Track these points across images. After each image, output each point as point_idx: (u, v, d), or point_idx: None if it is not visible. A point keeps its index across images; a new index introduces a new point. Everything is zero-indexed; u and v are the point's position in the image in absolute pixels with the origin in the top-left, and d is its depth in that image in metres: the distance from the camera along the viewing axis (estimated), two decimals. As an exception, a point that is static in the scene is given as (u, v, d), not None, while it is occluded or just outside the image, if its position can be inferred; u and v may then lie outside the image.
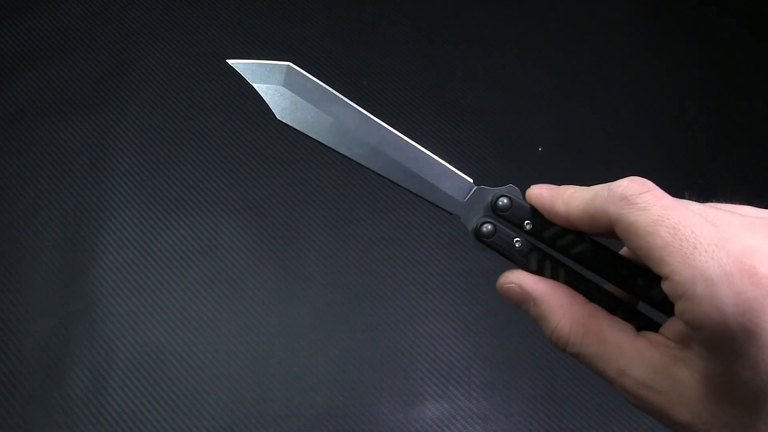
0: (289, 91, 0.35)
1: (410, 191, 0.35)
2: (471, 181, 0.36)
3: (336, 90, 0.36)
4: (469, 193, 0.35)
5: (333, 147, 0.35)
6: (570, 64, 1.09)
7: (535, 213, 0.34)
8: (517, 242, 0.34)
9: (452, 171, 0.35)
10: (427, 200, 0.35)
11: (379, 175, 0.35)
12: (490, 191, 0.35)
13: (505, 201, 0.35)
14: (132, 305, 0.87)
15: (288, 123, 0.35)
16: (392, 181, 0.35)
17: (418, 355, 0.86)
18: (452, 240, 0.93)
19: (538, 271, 0.33)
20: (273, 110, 0.35)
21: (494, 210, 0.35)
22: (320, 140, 0.35)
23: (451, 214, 0.36)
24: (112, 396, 0.82)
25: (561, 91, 1.06)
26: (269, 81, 0.35)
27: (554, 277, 0.33)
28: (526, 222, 0.34)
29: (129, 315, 0.87)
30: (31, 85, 1.01)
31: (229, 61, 0.36)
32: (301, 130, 0.35)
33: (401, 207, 0.95)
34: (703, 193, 0.33)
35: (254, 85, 0.35)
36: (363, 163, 0.35)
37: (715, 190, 0.99)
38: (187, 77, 1.03)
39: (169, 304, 0.88)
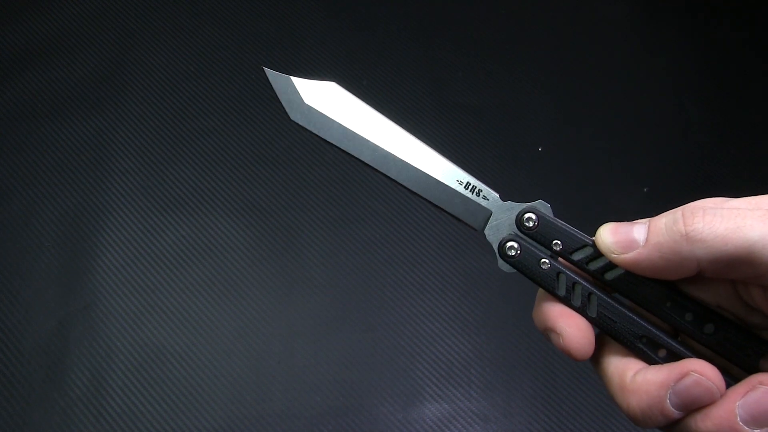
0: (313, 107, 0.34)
1: (429, 202, 0.33)
2: (497, 195, 0.33)
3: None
4: (494, 207, 0.33)
5: (351, 152, 0.34)
6: (570, 64, 1.09)
7: (564, 232, 0.32)
8: (544, 263, 0.32)
9: (477, 183, 0.33)
10: (448, 213, 0.33)
11: (397, 183, 0.34)
12: (517, 207, 0.33)
13: (532, 217, 0.32)
14: (132, 305, 0.87)
15: (301, 124, 0.34)
16: (411, 190, 0.34)
17: (417, 355, 0.86)
18: (452, 240, 0.93)
19: (566, 297, 0.31)
20: (287, 110, 0.34)
21: (520, 227, 0.32)
22: (337, 144, 0.34)
23: (475, 230, 0.33)
24: (112, 396, 0.82)
25: (561, 91, 1.06)
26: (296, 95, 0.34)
27: (584, 305, 0.31)
28: (555, 242, 0.32)
29: (129, 315, 0.87)
30: (31, 85, 1.01)
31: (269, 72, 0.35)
32: (317, 132, 0.34)
33: (401, 207, 0.95)
34: (703, 193, 0.32)
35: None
36: (379, 168, 0.34)
37: (715, 190, 0.99)
38: (187, 77, 1.03)
39: (169, 304, 0.88)
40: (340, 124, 0.34)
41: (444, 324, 0.88)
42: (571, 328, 0.30)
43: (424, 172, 0.33)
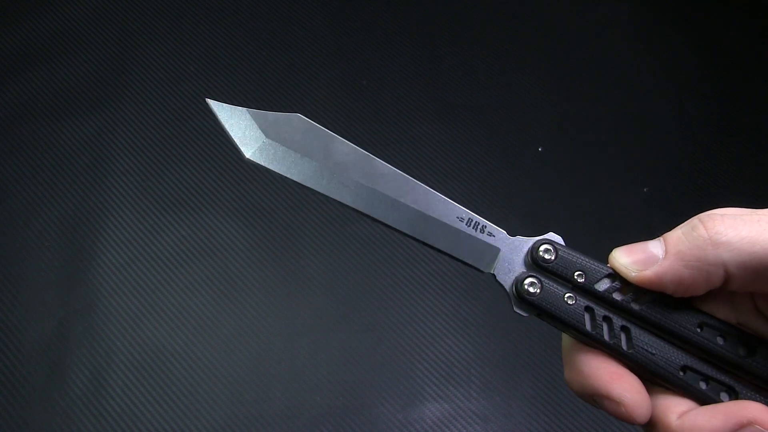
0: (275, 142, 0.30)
1: (427, 245, 0.30)
2: (504, 232, 0.30)
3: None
4: (503, 245, 0.30)
5: (328, 194, 0.29)
6: (570, 64, 1.09)
7: (585, 262, 0.29)
8: (570, 298, 0.29)
9: (480, 220, 0.30)
10: (450, 255, 0.30)
11: (388, 226, 0.29)
12: (529, 241, 0.30)
13: (550, 249, 0.29)
14: (132, 305, 0.87)
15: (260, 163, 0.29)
16: (404, 233, 0.29)
17: (417, 355, 0.86)
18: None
19: (597, 333, 0.28)
20: (242, 150, 0.29)
21: (535, 262, 0.29)
22: (310, 186, 0.29)
23: (481, 272, 0.30)
24: (112, 396, 0.82)
25: (561, 91, 1.06)
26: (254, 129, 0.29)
27: (617, 340, 0.28)
28: (577, 273, 0.29)
29: (129, 315, 0.87)
30: (31, 85, 1.00)
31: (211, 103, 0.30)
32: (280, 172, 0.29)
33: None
34: (703, 193, 0.31)
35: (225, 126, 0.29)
36: (365, 211, 0.29)
37: (715, 190, 0.99)
38: (187, 77, 1.03)
39: (169, 304, 0.88)
40: (312, 162, 0.29)
41: (444, 324, 0.88)
42: (630, 392, 0.27)
43: (418, 211, 0.29)
